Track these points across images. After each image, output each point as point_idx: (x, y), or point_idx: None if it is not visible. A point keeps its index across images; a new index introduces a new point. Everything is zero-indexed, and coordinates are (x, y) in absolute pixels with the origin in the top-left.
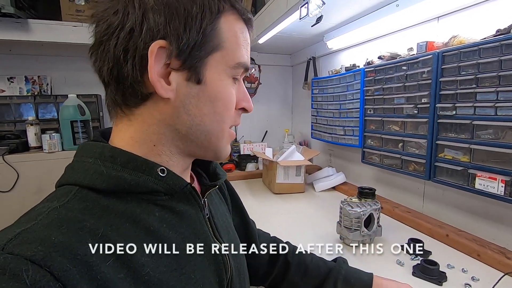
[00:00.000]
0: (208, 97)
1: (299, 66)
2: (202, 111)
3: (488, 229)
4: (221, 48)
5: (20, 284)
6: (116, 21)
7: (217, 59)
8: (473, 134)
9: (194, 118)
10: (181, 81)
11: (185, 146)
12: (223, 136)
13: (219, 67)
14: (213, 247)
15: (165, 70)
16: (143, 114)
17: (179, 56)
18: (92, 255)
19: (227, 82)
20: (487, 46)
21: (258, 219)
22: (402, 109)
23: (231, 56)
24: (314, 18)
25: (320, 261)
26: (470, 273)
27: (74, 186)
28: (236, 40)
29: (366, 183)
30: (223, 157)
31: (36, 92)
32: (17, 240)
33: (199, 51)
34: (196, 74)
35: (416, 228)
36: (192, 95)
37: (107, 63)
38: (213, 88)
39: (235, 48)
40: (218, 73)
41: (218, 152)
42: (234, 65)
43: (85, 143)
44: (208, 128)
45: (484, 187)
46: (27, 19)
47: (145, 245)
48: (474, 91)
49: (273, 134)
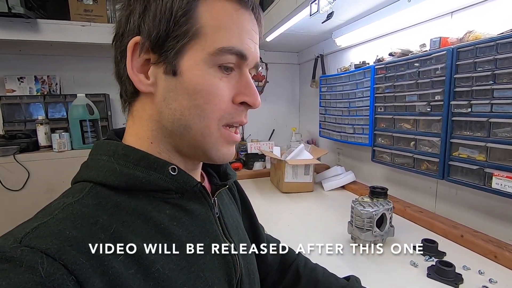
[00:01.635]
0: (186, 89)
1: (307, 64)
2: (181, 105)
3: (505, 230)
4: (199, 34)
5: (35, 276)
6: (118, 28)
7: (195, 48)
8: (489, 132)
9: (175, 112)
10: (159, 75)
11: (176, 144)
12: (210, 134)
13: (197, 55)
14: (222, 246)
15: (146, 66)
16: (138, 111)
17: (154, 49)
18: (104, 250)
19: (208, 72)
20: (504, 41)
21: (266, 219)
22: (415, 107)
23: (210, 42)
24: (325, 15)
25: (332, 277)
26: (487, 275)
27: (89, 183)
28: (218, 24)
29: (376, 182)
30: (216, 159)
31: (45, 91)
32: (33, 233)
33: (173, 41)
34: (172, 66)
35: (429, 228)
36: (171, 89)
37: (114, 66)
38: (191, 79)
39: (216, 32)
40: (196, 63)
41: (207, 152)
42: (215, 51)
43: (100, 141)
44: (189, 123)
45: (502, 187)
46: (36, 19)
47: (156, 242)
48: (491, 87)
49: (280, 133)
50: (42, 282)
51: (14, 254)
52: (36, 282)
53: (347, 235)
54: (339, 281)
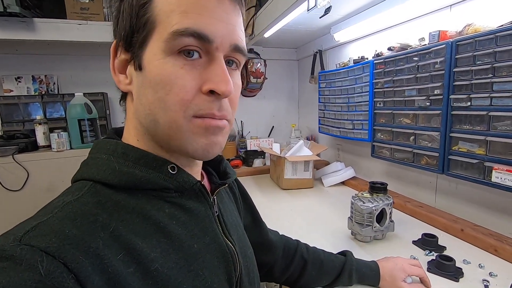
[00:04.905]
0: (149, 83)
1: (305, 59)
2: (148, 99)
3: (506, 224)
4: (155, 23)
5: (35, 274)
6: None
7: (155, 38)
8: (489, 126)
9: (145, 108)
10: (132, 72)
11: (155, 139)
12: (178, 127)
13: (156, 45)
14: (222, 244)
15: (125, 65)
16: (127, 109)
17: (126, 48)
18: (103, 249)
19: (167, 61)
20: (504, 33)
21: (267, 216)
22: (414, 101)
23: (163, 28)
24: (323, 9)
25: (332, 255)
26: (488, 269)
27: (88, 181)
28: (171, 8)
29: (376, 178)
30: (193, 153)
31: (43, 91)
32: (33, 232)
33: (136, 35)
34: (138, 61)
35: (429, 223)
36: (140, 84)
37: None
38: (152, 71)
39: (169, 16)
40: (154, 53)
41: (182, 146)
42: (169, 36)
43: (100, 140)
44: (156, 117)
45: (502, 180)
46: (32, 18)
47: (155, 240)
48: (490, 81)
49: (279, 129)
50: (42, 280)
51: (14, 253)
52: (36, 280)
53: (347, 231)
54: (338, 258)
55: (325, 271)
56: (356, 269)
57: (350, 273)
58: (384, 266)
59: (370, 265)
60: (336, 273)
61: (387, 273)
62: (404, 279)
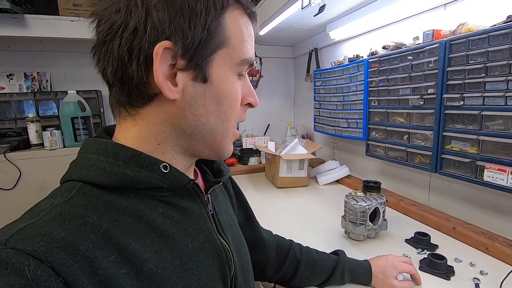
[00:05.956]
0: (215, 96)
1: (301, 58)
2: (208, 111)
3: (497, 222)
4: (226, 44)
5: (21, 278)
6: (118, 20)
7: (223, 56)
8: (481, 125)
9: (200, 118)
10: (187, 81)
11: (189, 145)
12: (228, 135)
13: (225, 64)
14: (216, 243)
15: (170, 71)
16: (148, 114)
17: (184, 56)
18: (94, 251)
19: (233, 79)
20: (497, 33)
21: (261, 214)
22: (408, 100)
23: (236, 53)
24: (317, 8)
25: (324, 255)
26: (479, 267)
27: (78, 182)
28: (241, 36)
29: (371, 176)
30: (226, 156)
31: (36, 88)
32: (19, 235)
33: (205, 49)
34: (202, 73)
35: (422, 221)
36: (199, 95)
37: (111, 64)
38: (220, 87)
39: (240, 44)
40: (224, 71)
41: (221, 151)
42: (240, 61)
43: (89, 139)
44: (213, 127)
45: (493, 179)
46: (23, 14)
47: (148, 240)
48: (483, 80)
49: (275, 128)
50: (29, 284)
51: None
52: (23, 285)
53: (341, 229)
54: (330, 257)
55: (318, 270)
56: (348, 268)
57: (342, 272)
58: (376, 264)
59: (362, 264)
60: (328, 272)
61: (379, 271)
62: (395, 276)
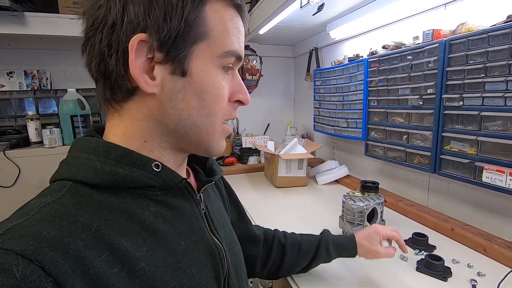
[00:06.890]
0: (195, 90)
1: (301, 57)
2: (189, 105)
3: (495, 223)
4: (207, 37)
5: (10, 279)
6: (100, 16)
7: (203, 49)
8: (480, 126)
9: (182, 113)
10: (165, 75)
11: (175, 141)
12: (214, 131)
13: (206, 57)
14: (209, 242)
15: (148, 65)
16: (131, 109)
17: (161, 49)
18: (85, 250)
19: (216, 73)
20: (497, 33)
21: (259, 213)
22: (407, 100)
23: (218, 45)
24: (316, 7)
25: (309, 235)
26: (476, 268)
27: (68, 181)
28: (225, 28)
29: (370, 176)
30: (216, 152)
31: (35, 86)
32: (8, 235)
33: (183, 42)
34: (181, 66)
35: (420, 222)
36: (178, 89)
37: (94, 59)
38: (200, 80)
39: (223, 36)
40: (205, 64)
41: (209, 147)
42: (222, 54)
43: (79, 138)
44: (196, 122)
45: (492, 180)
46: (23, 12)
47: (140, 239)
48: (482, 80)
49: (275, 127)
50: (18, 284)
51: None
52: (11, 285)
53: (339, 230)
54: (315, 236)
55: (304, 250)
56: (332, 242)
57: (327, 246)
58: (360, 233)
59: (345, 236)
60: (313, 249)
61: (363, 238)
62: (380, 242)
